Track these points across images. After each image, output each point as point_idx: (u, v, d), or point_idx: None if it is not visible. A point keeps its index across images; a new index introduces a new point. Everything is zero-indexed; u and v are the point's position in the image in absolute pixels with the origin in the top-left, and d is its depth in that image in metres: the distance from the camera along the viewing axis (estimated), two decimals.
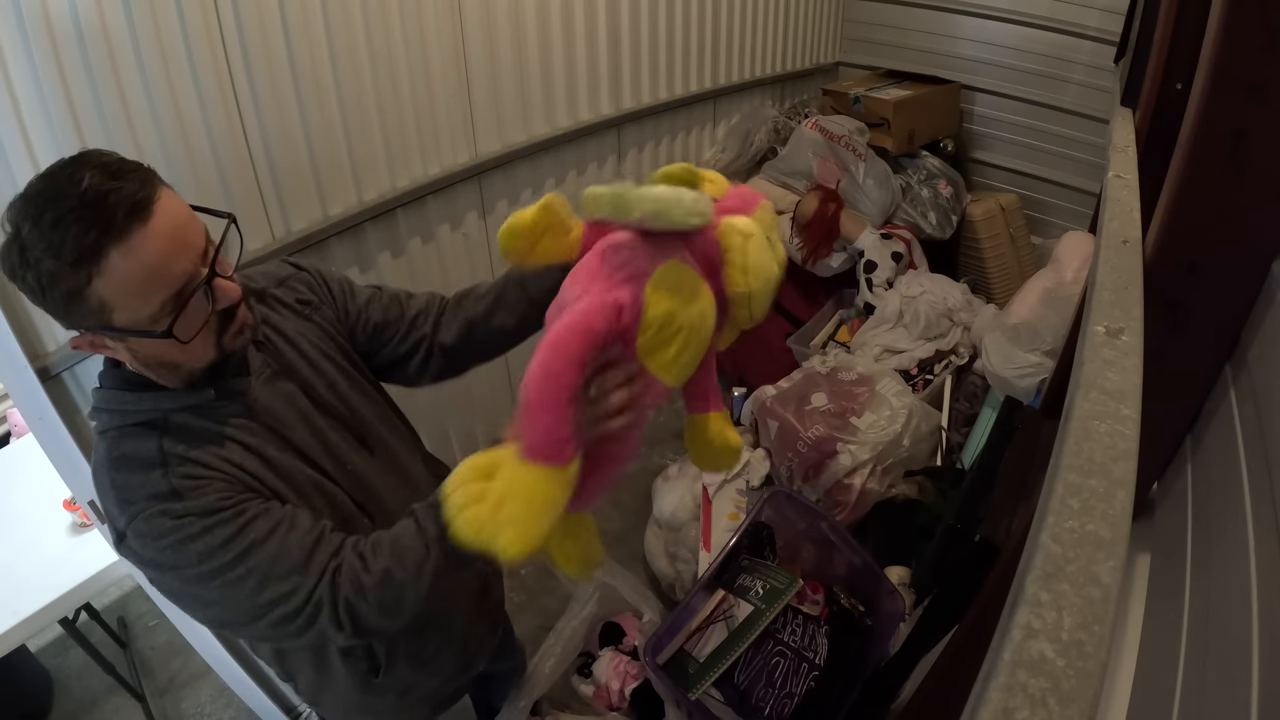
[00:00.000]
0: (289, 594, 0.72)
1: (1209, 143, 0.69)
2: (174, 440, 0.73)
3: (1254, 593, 0.55)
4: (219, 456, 0.74)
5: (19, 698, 1.81)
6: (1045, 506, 0.45)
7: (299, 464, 0.81)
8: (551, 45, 1.77)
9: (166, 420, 0.75)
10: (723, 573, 1.53)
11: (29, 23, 0.95)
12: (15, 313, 1.03)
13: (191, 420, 0.75)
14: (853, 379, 2.01)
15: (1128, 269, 0.71)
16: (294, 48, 1.27)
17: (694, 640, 1.43)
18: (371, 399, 0.94)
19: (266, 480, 0.77)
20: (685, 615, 1.46)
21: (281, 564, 0.72)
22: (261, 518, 0.73)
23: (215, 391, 0.76)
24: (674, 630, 1.44)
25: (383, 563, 0.75)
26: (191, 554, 0.70)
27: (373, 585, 0.74)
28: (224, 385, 0.77)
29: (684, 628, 1.44)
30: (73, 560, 1.53)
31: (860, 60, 2.91)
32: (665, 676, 1.36)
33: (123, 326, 0.67)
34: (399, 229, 1.58)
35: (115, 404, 0.75)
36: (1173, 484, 0.86)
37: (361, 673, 0.93)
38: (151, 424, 0.74)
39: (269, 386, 0.82)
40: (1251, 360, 0.71)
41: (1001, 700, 0.34)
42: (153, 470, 0.72)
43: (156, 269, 0.65)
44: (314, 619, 0.73)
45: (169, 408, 0.75)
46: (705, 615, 1.46)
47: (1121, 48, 1.89)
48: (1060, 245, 2.12)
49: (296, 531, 0.74)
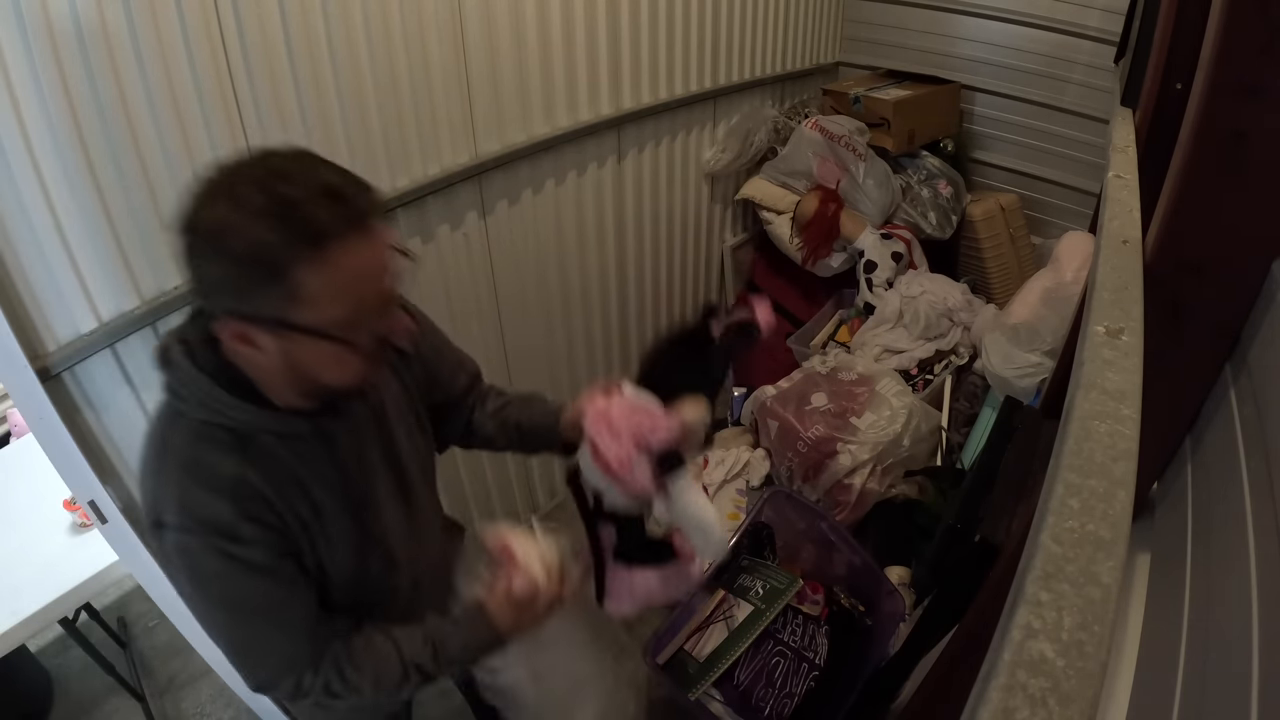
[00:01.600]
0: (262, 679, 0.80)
1: (1209, 143, 0.69)
2: (252, 466, 0.72)
3: (1254, 593, 0.55)
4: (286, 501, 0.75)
5: (19, 698, 1.81)
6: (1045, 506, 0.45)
7: (346, 519, 0.82)
8: (551, 45, 1.77)
9: (254, 439, 0.73)
10: (723, 573, 1.53)
11: (29, 23, 0.95)
12: (15, 313, 1.03)
13: (276, 448, 0.74)
14: (853, 379, 2.01)
15: (1128, 269, 0.71)
16: (294, 48, 1.27)
17: (694, 640, 1.43)
18: (423, 464, 0.97)
19: (313, 532, 0.79)
20: (685, 615, 1.46)
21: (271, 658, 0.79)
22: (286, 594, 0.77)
23: (310, 426, 0.76)
24: (674, 630, 1.44)
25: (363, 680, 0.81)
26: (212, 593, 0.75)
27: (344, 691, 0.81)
28: (320, 422, 0.77)
29: (684, 628, 1.44)
30: (73, 560, 1.53)
31: (860, 60, 2.91)
32: (665, 676, 1.36)
33: (306, 325, 0.64)
34: (399, 229, 1.58)
35: (210, 398, 0.71)
36: (1173, 484, 0.86)
37: None
38: (236, 433, 0.72)
39: (355, 432, 0.83)
40: (1251, 360, 0.71)
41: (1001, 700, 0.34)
42: (223, 493, 0.70)
43: (366, 277, 0.65)
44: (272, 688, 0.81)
45: (265, 425, 0.73)
46: (705, 615, 1.46)
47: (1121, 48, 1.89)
48: (1060, 245, 2.12)
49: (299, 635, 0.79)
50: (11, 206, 1.00)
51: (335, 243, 0.62)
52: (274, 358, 0.68)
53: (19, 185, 0.99)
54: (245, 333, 0.66)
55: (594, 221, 2.10)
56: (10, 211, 1.00)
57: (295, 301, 0.63)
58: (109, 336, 1.12)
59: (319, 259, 0.61)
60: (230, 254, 0.61)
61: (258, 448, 0.73)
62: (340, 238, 0.62)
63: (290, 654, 0.79)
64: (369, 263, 0.65)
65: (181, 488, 0.70)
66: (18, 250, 1.02)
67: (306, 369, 0.70)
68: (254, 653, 0.79)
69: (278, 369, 0.70)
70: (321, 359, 0.69)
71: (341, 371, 0.71)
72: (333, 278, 0.63)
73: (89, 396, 1.14)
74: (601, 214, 2.12)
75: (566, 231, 2.03)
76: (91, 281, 1.10)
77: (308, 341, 0.66)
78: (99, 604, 1.91)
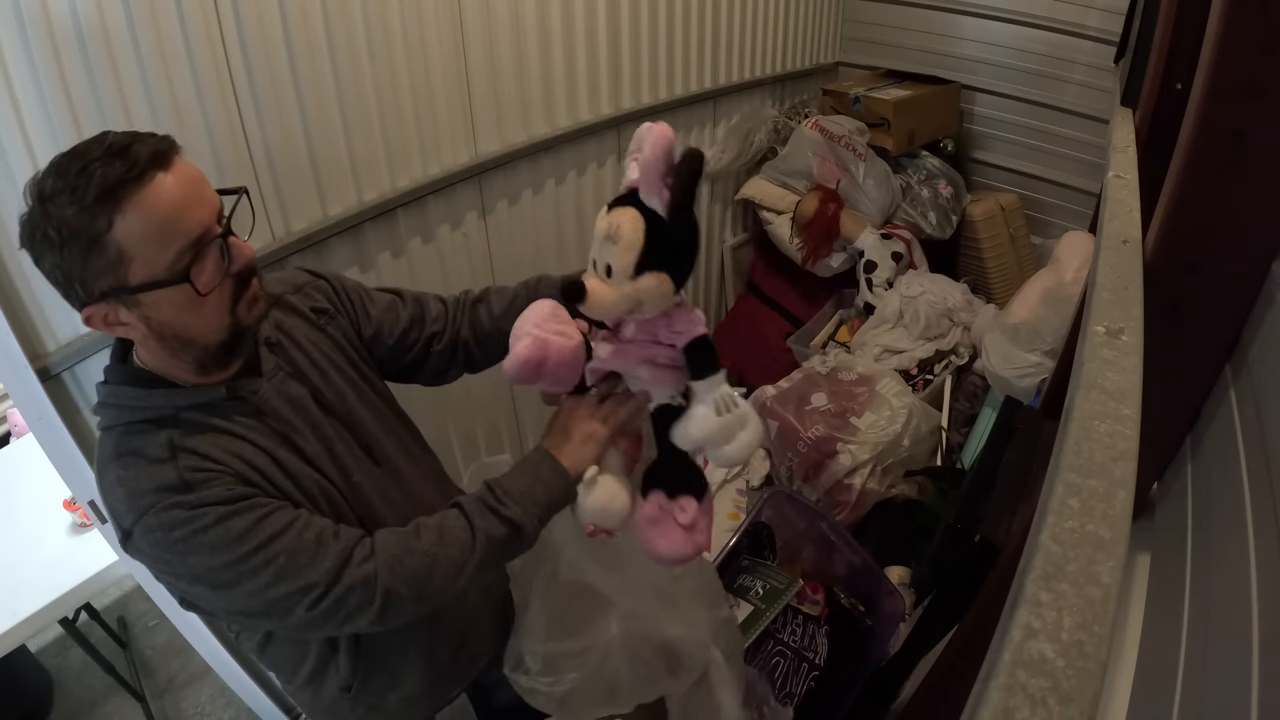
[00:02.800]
0: (308, 587, 0.72)
1: (1209, 143, 0.69)
2: (183, 434, 0.73)
3: (1254, 593, 0.55)
4: (229, 451, 0.74)
5: (19, 698, 1.81)
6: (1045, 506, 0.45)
7: (306, 469, 0.81)
8: (551, 45, 1.77)
9: (176, 417, 0.74)
10: (723, 573, 1.53)
11: (29, 23, 0.95)
12: (15, 313, 1.03)
13: (201, 418, 0.75)
14: (853, 379, 2.01)
15: (1128, 269, 0.71)
16: (294, 47, 1.27)
17: None
18: (379, 413, 0.94)
19: (275, 480, 0.77)
20: None
21: (301, 557, 0.72)
22: (277, 512, 0.73)
23: (226, 390, 0.76)
24: None
25: (427, 545, 0.77)
26: (205, 545, 0.69)
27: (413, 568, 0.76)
28: (235, 384, 0.78)
29: None
30: (73, 560, 1.53)
31: (860, 60, 2.91)
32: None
33: (140, 282, 0.66)
34: (399, 229, 1.58)
35: (123, 399, 0.74)
36: (1173, 484, 0.86)
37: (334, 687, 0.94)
38: (160, 420, 0.74)
39: (280, 389, 0.82)
40: (1251, 360, 0.71)
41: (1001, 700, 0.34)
42: (162, 464, 0.71)
43: (174, 215, 0.66)
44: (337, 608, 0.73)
45: (180, 404, 0.74)
46: None
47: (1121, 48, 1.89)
48: (1060, 245, 2.12)
49: (313, 527, 0.74)
50: (11, 207, 1.00)
51: (132, 191, 0.63)
52: (141, 330, 0.71)
53: (19, 185, 0.99)
54: (106, 315, 0.69)
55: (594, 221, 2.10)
56: (10, 212, 1.00)
57: (121, 263, 0.65)
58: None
59: (124, 211, 0.63)
60: (50, 243, 0.64)
61: (182, 421, 0.74)
62: (136, 184, 0.64)
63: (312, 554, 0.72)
64: (173, 200, 0.66)
65: (124, 483, 0.71)
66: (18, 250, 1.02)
67: (172, 330, 0.71)
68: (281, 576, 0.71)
69: (155, 343, 0.72)
70: (177, 314, 0.70)
71: (201, 320, 0.71)
72: (143, 226, 0.64)
73: (89, 396, 1.14)
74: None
75: (566, 231, 2.03)
76: None
77: (153, 300, 0.68)
78: (99, 604, 1.91)
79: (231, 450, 0.75)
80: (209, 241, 0.69)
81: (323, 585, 0.72)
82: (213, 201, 0.71)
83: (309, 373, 0.86)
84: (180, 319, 0.71)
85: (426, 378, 1.02)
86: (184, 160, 0.69)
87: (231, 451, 0.74)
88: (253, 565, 0.71)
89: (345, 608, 0.74)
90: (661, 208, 0.69)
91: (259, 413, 0.79)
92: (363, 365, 0.94)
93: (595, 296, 0.71)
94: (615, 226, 0.70)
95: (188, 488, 0.70)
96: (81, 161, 0.63)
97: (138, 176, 0.64)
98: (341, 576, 0.73)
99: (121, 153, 0.64)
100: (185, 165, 0.69)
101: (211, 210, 0.70)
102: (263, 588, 0.71)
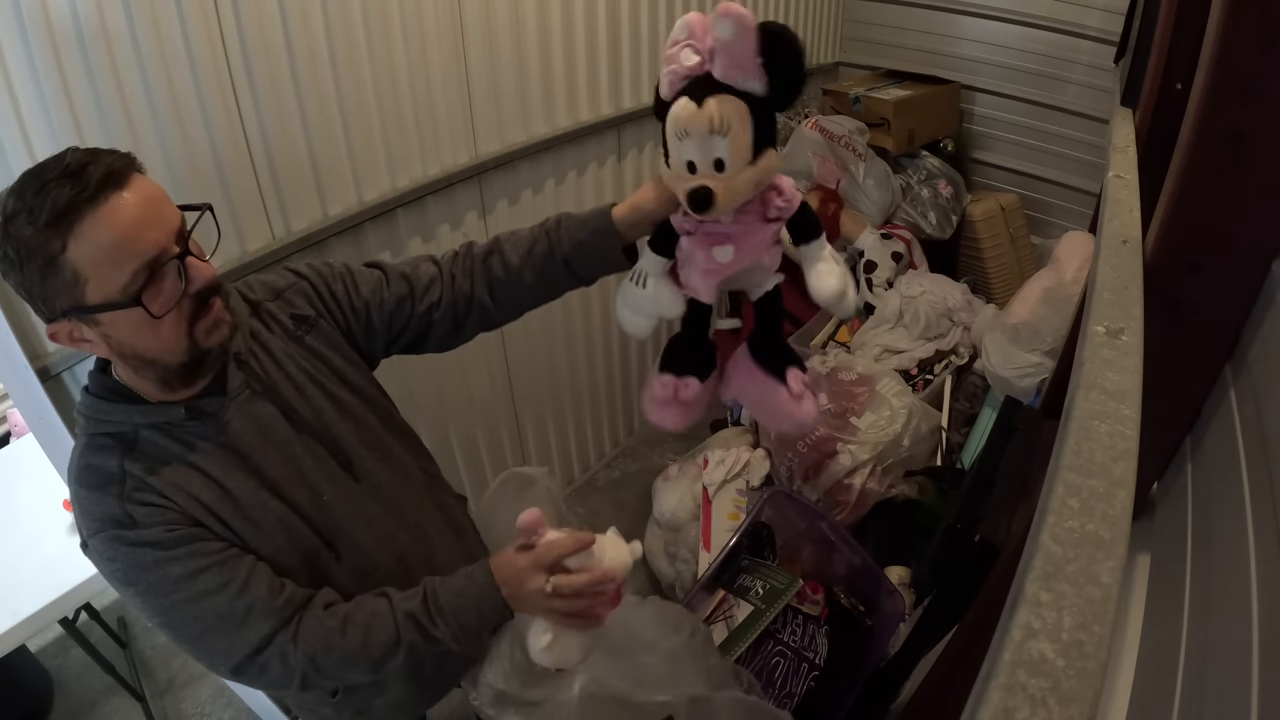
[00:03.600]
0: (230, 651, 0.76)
1: (1209, 143, 0.69)
2: (134, 460, 0.74)
3: (1254, 593, 0.54)
4: (176, 486, 0.74)
5: (19, 698, 1.81)
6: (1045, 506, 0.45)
7: (264, 495, 0.80)
8: (551, 45, 1.77)
9: (136, 436, 0.75)
10: (723, 573, 1.53)
11: (29, 23, 0.95)
12: (15, 313, 1.03)
13: (159, 440, 0.75)
14: (853, 379, 2.01)
15: (1128, 269, 0.71)
16: (294, 48, 1.27)
17: None
18: (361, 426, 0.91)
19: (224, 515, 0.77)
20: None
21: (229, 622, 0.75)
22: (215, 568, 0.74)
23: (186, 411, 0.76)
24: None
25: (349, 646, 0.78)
26: (141, 583, 0.73)
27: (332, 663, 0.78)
28: (195, 405, 0.77)
29: None
30: (73, 560, 1.53)
31: (860, 60, 2.91)
32: None
33: (96, 303, 0.67)
34: (399, 229, 1.58)
35: (90, 410, 0.75)
36: (1173, 484, 0.86)
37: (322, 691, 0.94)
38: (121, 437, 0.75)
39: (245, 408, 0.80)
40: (1251, 360, 0.71)
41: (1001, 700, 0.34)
42: (109, 489, 0.72)
43: (127, 236, 0.65)
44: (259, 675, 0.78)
45: (139, 422, 0.75)
46: (705, 615, 1.46)
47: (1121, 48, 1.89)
48: (1060, 245, 2.12)
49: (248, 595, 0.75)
50: None
51: (85, 213, 0.63)
52: (104, 348, 0.71)
53: None
54: (70, 332, 0.70)
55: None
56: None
57: (77, 284, 0.65)
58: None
59: (77, 234, 0.63)
60: (11, 262, 0.65)
61: (140, 444, 0.75)
62: (89, 205, 0.63)
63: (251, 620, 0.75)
64: (127, 221, 0.65)
65: (79, 500, 0.74)
66: None
67: (132, 349, 0.71)
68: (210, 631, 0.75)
69: (118, 360, 0.73)
70: (134, 334, 0.70)
71: (159, 341, 0.71)
72: (97, 247, 0.64)
73: None
74: None
75: None
76: None
77: (111, 320, 0.68)
78: (99, 604, 1.90)
79: (179, 484, 0.75)
80: (164, 262, 0.68)
81: (244, 654, 0.76)
82: (171, 220, 0.70)
83: (282, 388, 0.84)
84: (138, 339, 0.70)
85: (435, 346, 0.98)
86: (143, 178, 0.69)
87: (179, 485, 0.75)
88: (182, 616, 0.74)
89: (266, 676, 0.77)
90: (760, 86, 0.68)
91: (220, 433, 0.78)
92: (349, 372, 0.91)
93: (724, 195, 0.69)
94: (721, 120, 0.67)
95: (131, 523, 0.72)
96: (38, 182, 0.63)
97: (90, 198, 0.64)
98: (263, 651, 0.76)
99: (77, 173, 0.64)
100: (144, 183, 0.68)
101: (169, 230, 0.69)
102: (191, 636, 0.76)
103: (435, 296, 0.92)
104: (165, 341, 0.71)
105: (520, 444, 2.16)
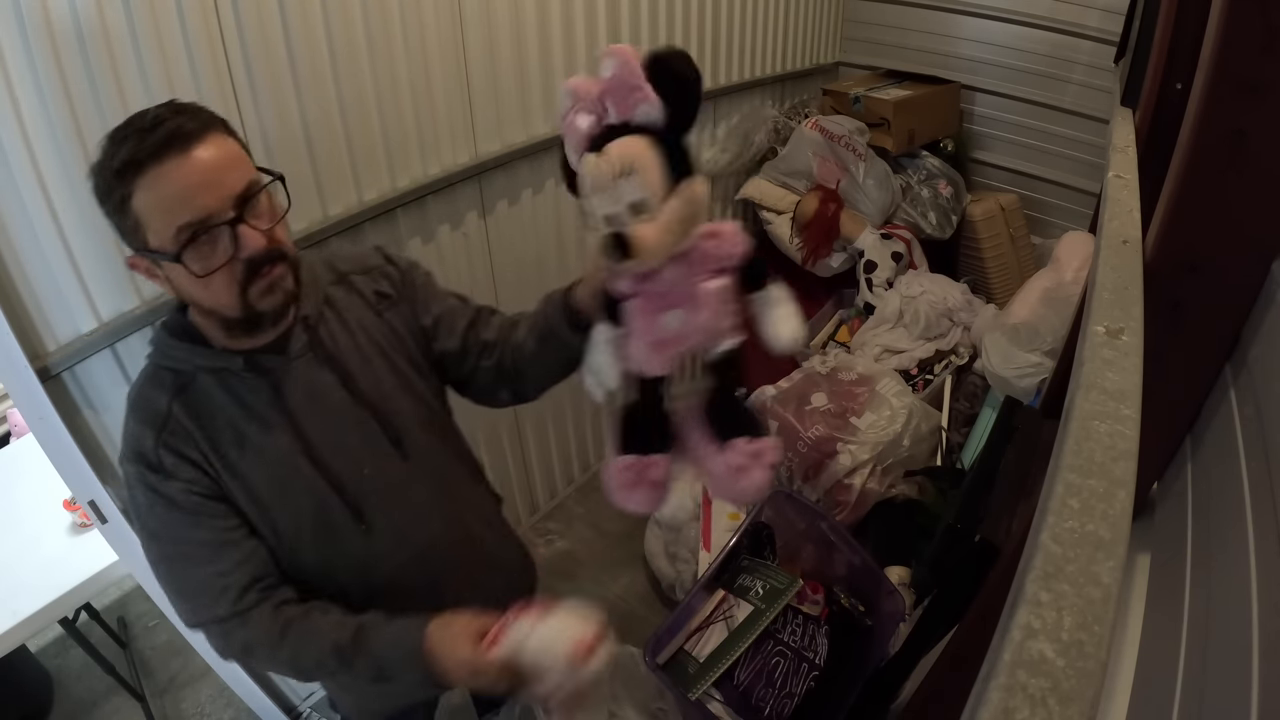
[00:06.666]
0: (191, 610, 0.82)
1: (1209, 143, 0.69)
2: (184, 404, 0.78)
3: (1254, 593, 0.54)
4: (212, 442, 0.78)
5: (19, 698, 1.81)
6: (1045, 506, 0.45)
7: (299, 459, 0.82)
8: (551, 45, 1.77)
9: (193, 379, 0.79)
10: (723, 573, 1.53)
11: (29, 23, 0.95)
12: (15, 313, 1.03)
13: (212, 389, 0.79)
14: (853, 379, 2.01)
15: (1128, 269, 0.71)
16: (294, 48, 1.27)
17: (694, 640, 1.43)
18: (421, 402, 0.93)
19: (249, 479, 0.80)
20: (685, 615, 1.45)
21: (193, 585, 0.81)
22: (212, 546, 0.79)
23: (245, 361, 0.79)
24: (674, 630, 1.43)
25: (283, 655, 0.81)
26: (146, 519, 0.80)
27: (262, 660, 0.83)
28: (255, 358, 0.80)
29: (684, 628, 1.44)
30: (73, 560, 1.53)
31: (860, 60, 2.91)
32: (665, 676, 1.36)
33: (153, 248, 0.71)
34: (399, 229, 1.58)
35: (159, 342, 0.80)
36: (1173, 484, 0.86)
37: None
38: (179, 374, 0.79)
39: (303, 371, 0.83)
40: (1251, 360, 0.71)
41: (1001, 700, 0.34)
42: (151, 425, 0.77)
43: (178, 197, 0.69)
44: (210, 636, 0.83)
45: (200, 364, 0.79)
46: (705, 615, 1.46)
47: (1121, 48, 1.89)
48: (1060, 245, 2.12)
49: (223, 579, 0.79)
50: (12, 207, 1.00)
51: (148, 169, 0.67)
52: (170, 288, 0.76)
53: (19, 185, 1.00)
54: (146, 267, 0.74)
55: None
56: (10, 212, 1.00)
57: (140, 229, 0.70)
58: (109, 336, 1.12)
59: (138, 186, 0.68)
60: (101, 197, 0.71)
61: (195, 387, 0.79)
62: (153, 161, 0.67)
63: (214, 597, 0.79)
64: (180, 183, 0.68)
65: (127, 425, 0.79)
66: (18, 250, 1.02)
67: (190, 297, 0.76)
68: (181, 590, 0.81)
69: (183, 298, 0.77)
70: (188, 283, 0.73)
71: (211, 295, 0.74)
72: (152, 201, 0.68)
73: (89, 396, 1.14)
74: None
75: (566, 231, 2.03)
76: (91, 281, 1.10)
77: (169, 267, 0.72)
78: (99, 604, 1.91)
79: (216, 440, 0.79)
80: (211, 226, 0.70)
81: (199, 620, 0.81)
82: (232, 185, 0.71)
83: (348, 356, 0.86)
84: (193, 290, 0.74)
85: (475, 393, 1.01)
86: (219, 139, 0.71)
87: (215, 442, 0.78)
88: (168, 568, 0.81)
89: (211, 641, 0.83)
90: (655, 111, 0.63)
91: (274, 391, 0.81)
92: (417, 356, 0.94)
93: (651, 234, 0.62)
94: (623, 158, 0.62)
95: (158, 466, 0.77)
96: (125, 130, 0.69)
97: (152, 154, 0.67)
98: (211, 626, 0.81)
99: (151, 129, 0.67)
100: (214, 146, 0.70)
101: (223, 195, 0.70)
102: (165, 583, 0.82)
103: (491, 337, 0.96)
104: (216, 297, 0.74)
105: (520, 444, 2.16)
